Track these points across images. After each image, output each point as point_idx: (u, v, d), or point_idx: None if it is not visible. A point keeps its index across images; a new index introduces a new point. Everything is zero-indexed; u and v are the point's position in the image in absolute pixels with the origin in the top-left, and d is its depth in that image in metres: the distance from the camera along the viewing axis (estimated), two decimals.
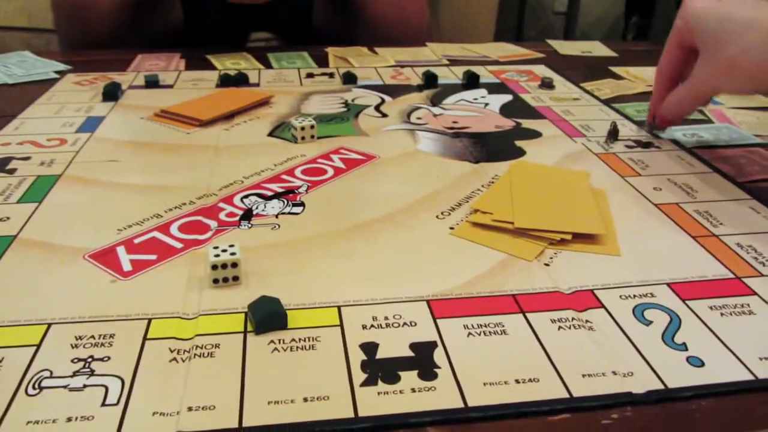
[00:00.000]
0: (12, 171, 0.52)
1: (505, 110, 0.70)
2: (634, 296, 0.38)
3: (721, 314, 0.37)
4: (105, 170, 0.53)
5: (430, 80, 0.77)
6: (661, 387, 0.31)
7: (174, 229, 0.44)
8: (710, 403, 0.31)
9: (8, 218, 0.45)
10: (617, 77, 0.84)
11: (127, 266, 0.40)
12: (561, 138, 0.62)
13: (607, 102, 0.73)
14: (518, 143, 0.61)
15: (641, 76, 0.83)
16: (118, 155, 0.56)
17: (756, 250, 0.43)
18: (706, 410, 0.31)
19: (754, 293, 0.39)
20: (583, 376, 0.32)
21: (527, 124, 0.66)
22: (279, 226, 0.45)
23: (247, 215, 0.46)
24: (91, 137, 0.60)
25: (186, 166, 0.54)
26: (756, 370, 0.33)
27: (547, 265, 0.41)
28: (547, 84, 0.78)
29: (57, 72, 0.80)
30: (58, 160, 0.55)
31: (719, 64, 0.51)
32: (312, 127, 0.59)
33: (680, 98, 0.57)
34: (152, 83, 0.75)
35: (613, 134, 0.61)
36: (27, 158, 0.55)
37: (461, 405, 0.30)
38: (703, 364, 0.33)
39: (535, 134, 0.63)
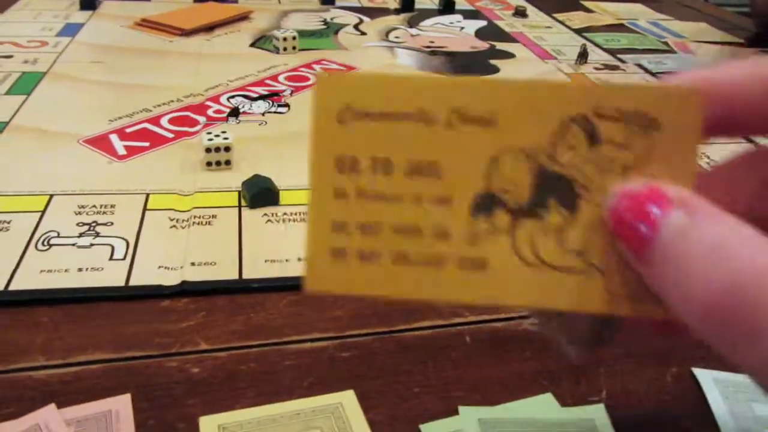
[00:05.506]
0: None
1: (480, 34, 0.72)
2: None
3: None
4: (90, 70, 0.54)
5: (407, 4, 0.79)
6: None
7: (164, 122, 0.45)
8: None
9: None
10: (588, 10, 0.86)
11: (121, 150, 0.41)
12: (533, 60, 0.65)
13: (578, 31, 0.76)
14: (493, 62, 0.63)
15: (610, 10, 0.86)
16: (101, 58, 0.57)
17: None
18: None
19: None
20: None
21: (501, 46, 0.68)
22: (266, 123, 0.47)
23: (235, 112, 0.48)
24: (72, 41, 0.60)
25: (171, 69, 0.55)
26: None
27: None
28: (520, 12, 0.80)
29: None
30: (42, 59, 0.55)
31: None
32: (294, 38, 0.60)
33: None
34: None
35: (582, 55, 0.64)
36: (9, 56, 0.55)
37: None
38: None
39: (508, 55, 0.65)
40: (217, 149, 0.39)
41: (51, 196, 0.36)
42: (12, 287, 0.29)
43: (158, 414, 0.24)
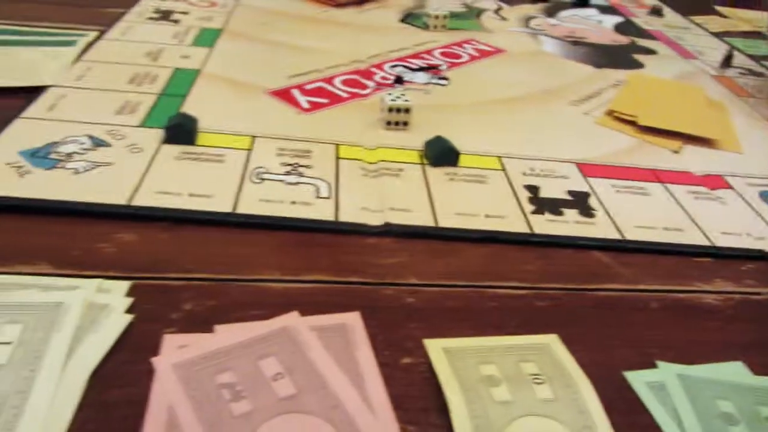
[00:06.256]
0: (177, 21, 0.57)
1: (618, 29, 0.72)
2: (759, 184, 0.42)
3: None
4: (260, 30, 0.57)
5: None
6: None
7: (337, 83, 0.48)
8: None
9: (188, 56, 0.50)
10: (723, 15, 0.85)
11: (305, 104, 0.44)
12: (675, 58, 0.65)
13: (717, 35, 0.75)
14: (635, 57, 0.63)
15: (745, 17, 0.84)
16: (265, 20, 0.60)
17: None
18: None
19: None
20: (721, 233, 0.36)
21: (641, 43, 0.68)
22: (429, 92, 0.49)
23: (399, 80, 0.50)
24: (237, 3, 0.64)
25: (331, 36, 0.58)
26: None
27: (676, 152, 0.45)
28: (656, 11, 0.79)
29: None
30: (215, 18, 0.59)
31: None
32: (445, 17, 0.63)
33: None
34: None
35: (728, 59, 0.63)
36: (186, 12, 0.59)
37: (619, 238, 0.35)
38: None
39: (650, 51, 0.66)
40: (399, 110, 0.42)
41: (254, 137, 0.39)
42: (238, 210, 0.32)
43: (386, 331, 0.27)
